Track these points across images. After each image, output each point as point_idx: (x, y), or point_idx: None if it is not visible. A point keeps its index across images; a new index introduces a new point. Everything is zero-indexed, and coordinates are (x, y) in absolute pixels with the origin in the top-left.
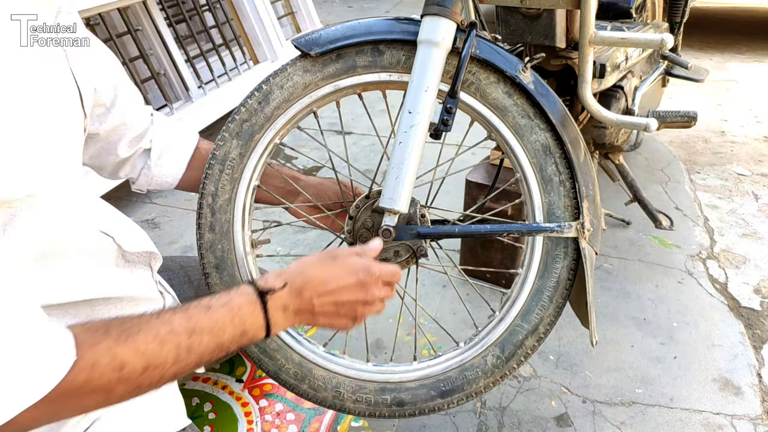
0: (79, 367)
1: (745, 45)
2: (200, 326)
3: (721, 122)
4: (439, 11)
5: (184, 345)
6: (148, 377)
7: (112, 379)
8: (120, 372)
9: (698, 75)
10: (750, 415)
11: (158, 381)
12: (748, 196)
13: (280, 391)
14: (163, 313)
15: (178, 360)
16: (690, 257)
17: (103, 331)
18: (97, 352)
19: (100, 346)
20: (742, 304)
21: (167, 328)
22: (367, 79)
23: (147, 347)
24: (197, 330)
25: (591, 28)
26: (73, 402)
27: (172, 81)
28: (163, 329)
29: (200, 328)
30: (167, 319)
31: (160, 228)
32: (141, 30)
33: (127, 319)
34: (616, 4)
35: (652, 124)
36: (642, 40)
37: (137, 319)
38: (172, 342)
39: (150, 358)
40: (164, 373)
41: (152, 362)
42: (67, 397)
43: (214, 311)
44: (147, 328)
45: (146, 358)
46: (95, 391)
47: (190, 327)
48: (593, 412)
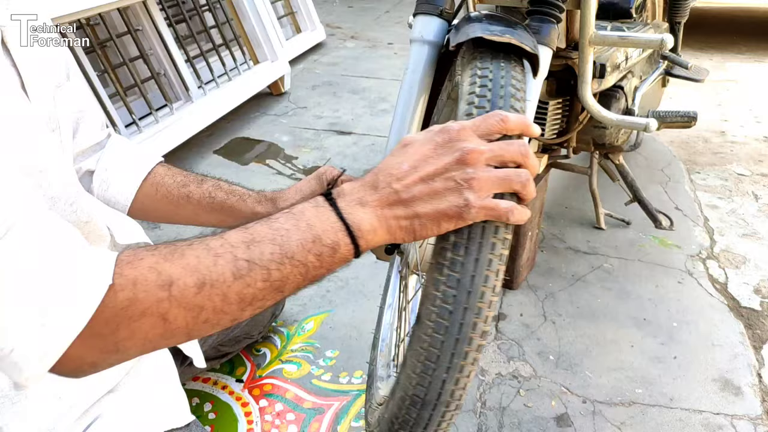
0: (119, 285)
1: (745, 45)
2: (259, 235)
3: (721, 122)
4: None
5: (243, 257)
6: (207, 296)
7: (161, 299)
8: (169, 290)
9: (698, 75)
10: (750, 415)
11: (222, 302)
12: (748, 196)
13: (280, 391)
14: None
15: (239, 275)
16: (690, 257)
17: (150, 250)
18: (138, 268)
19: (143, 263)
20: (742, 304)
21: (220, 241)
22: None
23: (198, 261)
24: (256, 240)
25: (591, 28)
26: (125, 328)
27: (172, 81)
28: (216, 242)
29: (259, 238)
30: (221, 235)
31: (160, 228)
32: (141, 30)
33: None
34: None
35: (652, 124)
36: (642, 40)
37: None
38: (228, 254)
39: (203, 273)
40: (226, 292)
41: (207, 278)
42: (116, 324)
43: (274, 220)
44: (198, 243)
45: (199, 273)
46: (145, 313)
47: (246, 237)
48: (593, 412)
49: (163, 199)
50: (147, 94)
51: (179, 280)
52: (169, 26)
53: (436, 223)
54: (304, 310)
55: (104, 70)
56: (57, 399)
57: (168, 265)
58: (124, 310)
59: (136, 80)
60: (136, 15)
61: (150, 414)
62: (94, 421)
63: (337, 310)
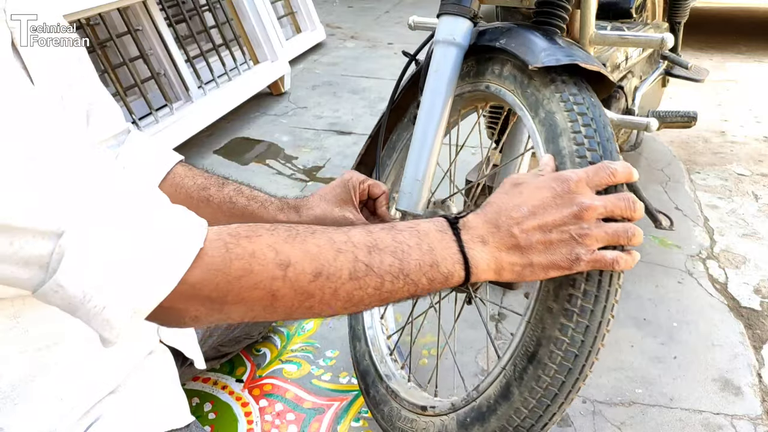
0: (235, 255)
1: (745, 45)
2: (382, 243)
3: (721, 122)
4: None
5: (363, 260)
6: (320, 286)
7: (276, 277)
8: (285, 270)
9: (698, 75)
10: (750, 415)
11: (331, 296)
12: (748, 196)
13: (280, 391)
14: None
15: (355, 276)
16: (690, 257)
17: (270, 229)
18: (257, 243)
19: (262, 239)
20: (742, 304)
21: (344, 237)
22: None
23: (319, 251)
24: (378, 247)
25: (591, 28)
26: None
27: (172, 81)
28: (339, 237)
29: (382, 246)
30: (344, 230)
31: None
32: (141, 30)
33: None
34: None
35: (652, 124)
36: (642, 40)
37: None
38: (349, 253)
39: (322, 264)
40: (338, 288)
41: (324, 269)
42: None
43: (398, 232)
44: (321, 233)
45: (318, 262)
46: (257, 286)
47: (370, 242)
48: (593, 412)
49: (182, 201)
50: (147, 94)
51: (297, 263)
52: (169, 26)
53: (545, 272)
54: None
55: (104, 70)
56: (59, 400)
57: (288, 246)
58: (238, 279)
59: (136, 80)
60: (136, 15)
61: (150, 414)
62: (95, 421)
63: None
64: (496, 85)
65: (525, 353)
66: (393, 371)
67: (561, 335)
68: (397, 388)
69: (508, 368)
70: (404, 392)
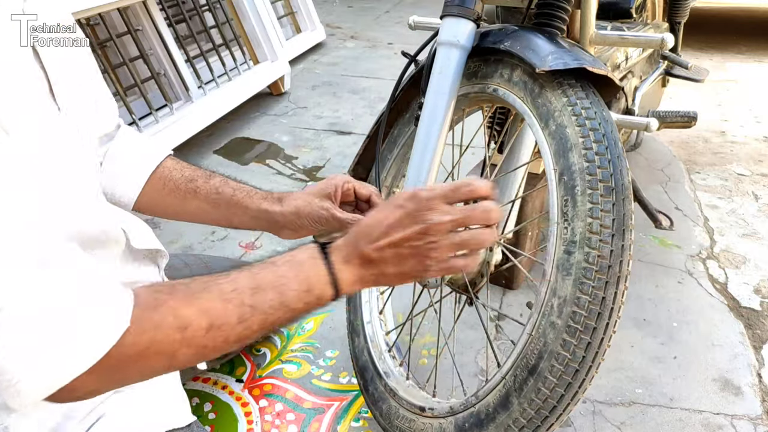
0: (143, 329)
1: (745, 45)
2: (264, 282)
3: (721, 122)
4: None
5: (248, 302)
6: (213, 337)
7: (175, 341)
8: (183, 333)
9: (698, 75)
10: (750, 415)
11: (223, 342)
12: (748, 196)
13: (280, 391)
14: (232, 272)
15: (242, 320)
16: (690, 257)
17: (168, 291)
18: (161, 313)
19: (164, 308)
20: (742, 304)
21: (232, 286)
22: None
23: (211, 305)
24: (261, 286)
25: (591, 27)
26: (137, 366)
27: (172, 81)
28: (228, 287)
29: (264, 285)
30: (233, 277)
31: (159, 228)
32: (141, 30)
33: (195, 279)
34: (616, 4)
35: (652, 124)
36: (642, 40)
37: (205, 279)
38: (236, 300)
39: (213, 317)
40: (229, 334)
41: (215, 322)
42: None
43: (277, 267)
44: (214, 286)
45: (209, 316)
46: (159, 354)
47: (254, 284)
48: (593, 412)
49: (170, 193)
50: (147, 94)
51: (194, 323)
52: (169, 26)
53: (399, 280)
54: None
55: (104, 70)
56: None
57: (186, 309)
58: (145, 349)
59: (136, 80)
60: (136, 15)
61: (152, 414)
62: (97, 420)
63: (337, 310)
64: (504, 90)
65: (526, 365)
66: (391, 368)
67: (563, 351)
68: (395, 386)
69: (508, 378)
70: (403, 391)
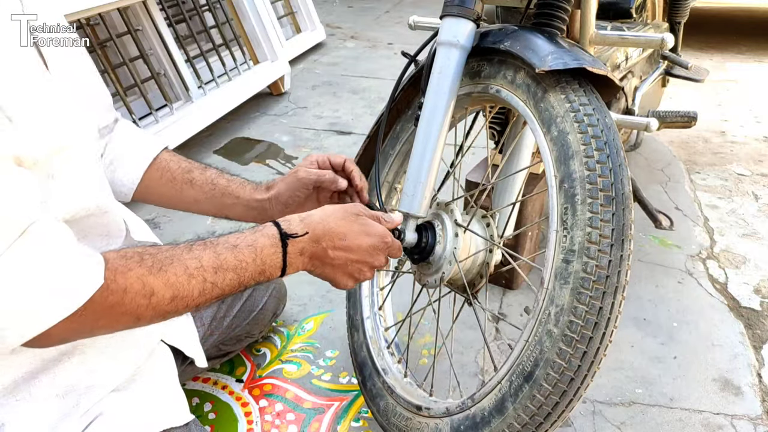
0: (110, 290)
1: (745, 45)
2: (226, 264)
3: (721, 122)
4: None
5: (210, 280)
6: (174, 306)
7: (141, 305)
8: (149, 299)
9: (698, 75)
10: (750, 415)
11: (183, 309)
12: (748, 196)
13: (280, 391)
14: (195, 247)
15: (203, 293)
16: (690, 257)
17: (137, 259)
18: (129, 278)
19: (132, 273)
20: (742, 304)
21: (196, 263)
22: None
23: (176, 279)
24: (223, 267)
25: (591, 27)
26: (104, 321)
27: (172, 81)
28: (193, 264)
29: (226, 266)
30: (197, 255)
31: (159, 228)
32: (141, 30)
33: (161, 249)
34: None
35: (652, 124)
36: (642, 40)
37: (170, 251)
38: (200, 277)
39: (177, 290)
40: (189, 303)
41: (179, 294)
42: (98, 316)
43: (240, 251)
44: (178, 262)
45: (174, 289)
46: (125, 314)
47: (217, 264)
48: (593, 412)
49: (167, 183)
50: (147, 94)
51: (158, 293)
52: (169, 26)
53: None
54: (304, 310)
55: (104, 70)
56: (59, 398)
57: (152, 278)
58: (111, 308)
59: (136, 80)
60: (136, 15)
61: (150, 412)
62: (95, 419)
63: (337, 310)
64: (507, 92)
65: (522, 372)
66: (390, 365)
67: (559, 359)
68: (393, 384)
69: (504, 383)
70: (400, 389)
